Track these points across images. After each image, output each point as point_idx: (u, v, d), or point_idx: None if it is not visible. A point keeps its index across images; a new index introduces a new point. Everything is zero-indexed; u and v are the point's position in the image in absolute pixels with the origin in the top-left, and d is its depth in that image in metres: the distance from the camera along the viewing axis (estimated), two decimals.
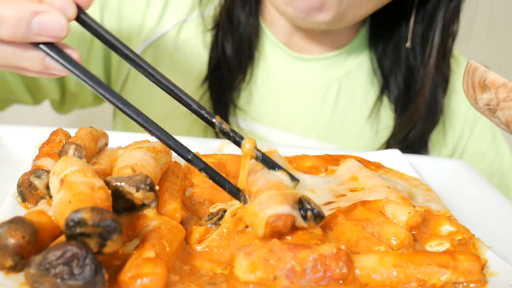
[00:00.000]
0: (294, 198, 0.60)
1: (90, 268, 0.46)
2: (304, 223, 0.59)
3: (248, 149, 0.64)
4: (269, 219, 0.56)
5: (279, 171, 0.64)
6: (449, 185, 0.86)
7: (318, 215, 0.59)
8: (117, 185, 0.56)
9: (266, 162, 0.65)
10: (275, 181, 0.61)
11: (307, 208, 0.59)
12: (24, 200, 0.61)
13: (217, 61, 1.08)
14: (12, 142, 0.80)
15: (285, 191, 0.60)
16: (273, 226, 0.57)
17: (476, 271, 0.55)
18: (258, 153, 0.64)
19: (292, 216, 0.58)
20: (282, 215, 0.57)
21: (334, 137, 1.14)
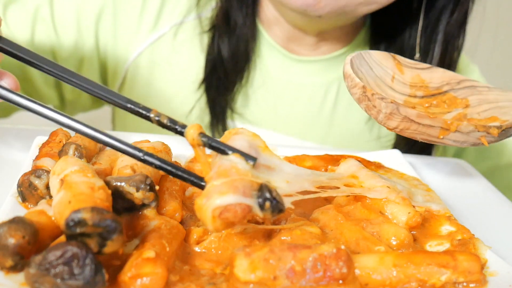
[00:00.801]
0: (251, 184, 0.53)
1: (90, 268, 0.46)
2: (260, 213, 0.53)
3: (192, 136, 0.57)
4: (215, 211, 0.51)
5: (232, 155, 0.57)
6: (449, 185, 0.86)
7: (276, 206, 0.53)
8: (117, 185, 0.56)
9: (216, 147, 0.58)
10: (226, 167, 0.55)
11: (266, 197, 0.53)
12: (24, 200, 0.61)
13: (213, 64, 1.07)
14: (12, 142, 0.80)
15: (235, 178, 0.53)
16: (223, 219, 0.51)
17: (476, 271, 0.55)
18: (205, 139, 0.57)
19: (244, 205, 0.51)
20: (229, 206, 0.51)
21: (332, 140, 1.13)
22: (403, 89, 0.80)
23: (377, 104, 0.68)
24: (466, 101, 0.81)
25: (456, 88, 0.82)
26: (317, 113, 1.12)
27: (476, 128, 0.69)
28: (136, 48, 1.11)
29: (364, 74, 0.76)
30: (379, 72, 0.79)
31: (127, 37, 1.11)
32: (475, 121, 0.77)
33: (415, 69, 0.82)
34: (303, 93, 1.12)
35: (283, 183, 0.60)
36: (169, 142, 0.71)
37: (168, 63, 1.11)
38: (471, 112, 0.79)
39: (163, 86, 1.12)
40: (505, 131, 0.72)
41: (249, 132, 0.63)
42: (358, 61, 0.76)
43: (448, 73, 0.84)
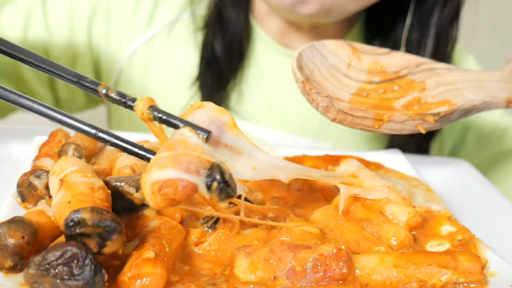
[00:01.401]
0: (200, 161, 0.49)
1: (89, 268, 0.46)
2: (207, 194, 0.49)
3: (142, 110, 0.54)
4: (153, 186, 0.47)
5: (183, 128, 0.53)
6: (449, 185, 0.86)
7: (225, 190, 0.49)
8: (117, 185, 0.56)
9: (167, 120, 0.55)
10: (175, 141, 0.51)
11: (215, 177, 0.48)
12: (23, 200, 0.61)
13: (207, 61, 1.07)
14: (12, 142, 0.80)
15: (179, 152, 0.49)
16: (163, 194, 0.47)
17: (477, 271, 0.55)
18: (155, 113, 0.54)
19: (187, 181, 0.47)
20: (169, 181, 0.47)
21: (328, 135, 1.13)
22: (359, 76, 0.81)
23: (315, 98, 0.71)
24: (423, 84, 0.81)
25: (415, 72, 0.83)
26: (312, 108, 1.12)
27: (411, 117, 0.71)
28: (130, 46, 1.12)
29: (317, 65, 0.77)
30: (334, 61, 0.80)
31: (120, 35, 1.11)
32: (428, 104, 0.77)
33: (373, 55, 0.83)
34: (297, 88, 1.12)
35: (247, 168, 0.57)
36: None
37: (162, 61, 1.11)
38: (426, 96, 0.80)
39: (157, 83, 1.12)
40: (445, 117, 0.73)
41: (214, 107, 0.59)
42: (310, 53, 0.77)
43: (407, 56, 0.84)
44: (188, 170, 0.48)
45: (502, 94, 0.79)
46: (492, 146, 1.17)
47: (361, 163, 0.75)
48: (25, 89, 1.11)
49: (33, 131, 0.80)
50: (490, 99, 0.77)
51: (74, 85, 0.58)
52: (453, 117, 0.74)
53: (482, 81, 0.81)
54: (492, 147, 1.17)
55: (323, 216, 0.64)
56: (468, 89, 0.79)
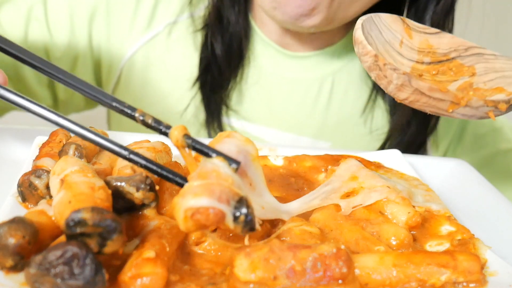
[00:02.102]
0: (230, 192, 0.52)
1: (90, 268, 0.46)
2: (232, 224, 0.51)
3: (176, 137, 0.56)
4: (187, 212, 0.50)
5: (215, 158, 0.56)
6: (449, 185, 0.86)
7: (250, 223, 0.52)
8: (117, 185, 0.56)
9: (200, 149, 0.57)
10: (207, 169, 0.54)
11: (243, 211, 0.51)
12: (24, 200, 0.61)
13: (207, 61, 1.08)
14: (12, 142, 0.80)
15: (212, 181, 0.52)
16: (195, 220, 0.50)
17: (476, 271, 0.55)
18: (189, 141, 0.57)
19: (218, 210, 0.50)
20: (201, 208, 0.50)
21: (328, 134, 1.14)
22: (411, 55, 0.78)
23: (388, 74, 0.66)
24: (472, 69, 0.79)
25: (463, 55, 0.81)
26: (311, 108, 1.13)
27: (485, 103, 0.68)
28: (130, 47, 1.12)
29: (374, 39, 0.74)
30: (388, 37, 0.77)
31: (120, 36, 1.11)
32: (482, 90, 0.75)
33: (424, 34, 0.80)
34: (297, 88, 1.12)
35: (257, 206, 0.59)
36: (169, 142, 0.71)
37: (162, 62, 1.11)
38: (477, 81, 0.77)
39: (158, 84, 1.13)
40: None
41: (241, 137, 0.62)
42: (369, 25, 0.74)
43: (456, 39, 0.82)
44: (220, 200, 0.51)
45: None
46: (488, 145, 1.17)
47: (361, 163, 0.75)
48: (24, 89, 1.11)
49: (33, 131, 0.80)
50: None
51: (111, 109, 0.59)
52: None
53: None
54: (489, 146, 1.17)
55: (323, 216, 0.65)
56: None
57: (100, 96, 0.59)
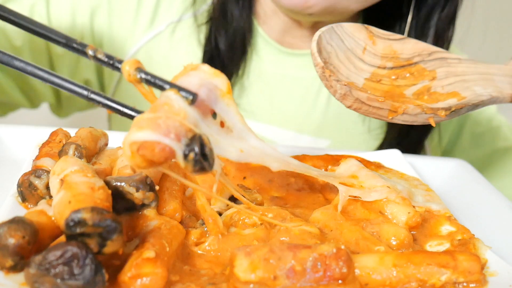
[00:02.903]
0: (182, 127, 0.49)
1: (90, 268, 0.46)
2: (182, 162, 0.48)
3: (128, 72, 0.53)
4: (132, 146, 0.47)
5: (169, 90, 0.52)
6: (449, 185, 0.86)
7: (200, 163, 0.48)
8: (117, 185, 0.56)
9: (153, 82, 0.54)
10: (160, 103, 0.51)
11: (194, 149, 0.48)
12: (24, 200, 0.61)
13: (210, 54, 1.08)
14: (12, 142, 0.80)
15: (160, 115, 0.49)
16: (141, 155, 0.47)
17: (476, 271, 0.55)
18: (142, 74, 0.53)
19: (164, 145, 0.47)
20: (146, 143, 0.47)
21: (328, 132, 1.14)
22: (373, 61, 0.81)
23: (333, 85, 0.70)
24: (434, 73, 0.81)
25: (427, 60, 0.83)
26: (311, 106, 1.13)
27: (423, 111, 0.71)
28: (132, 46, 1.12)
29: (334, 48, 0.77)
30: (350, 44, 0.80)
31: (122, 35, 1.12)
32: (437, 95, 0.78)
33: (388, 40, 0.83)
34: (297, 86, 1.13)
35: (233, 149, 0.55)
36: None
37: (165, 60, 1.12)
38: (436, 85, 0.80)
39: None
40: (455, 111, 0.73)
41: (209, 69, 0.57)
42: (329, 35, 0.77)
43: (421, 44, 0.84)
44: (167, 134, 0.48)
45: (508, 89, 0.79)
46: (486, 144, 1.18)
47: (361, 163, 0.75)
48: (27, 86, 1.11)
49: (33, 131, 0.80)
50: (497, 94, 0.77)
51: (63, 47, 0.57)
52: (461, 111, 0.75)
53: (489, 74, 0.81)
54: (486, 145, 1.18)
55: (323, 216, 0.65)
56: (476, 82, 0.79)
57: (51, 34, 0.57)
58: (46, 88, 1.13)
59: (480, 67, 0.81)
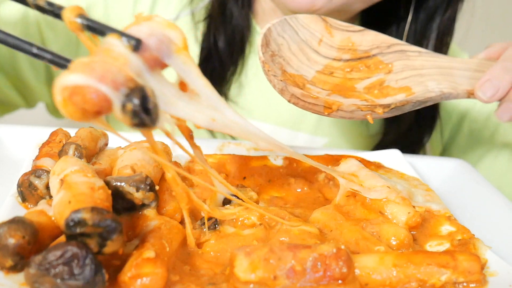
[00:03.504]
0: (120, 73, 0.44)
1: (90, 268, 0.46)
2: (119, 112, 0.44)
3: (69, 18, 0.49)
4: (63, 92, 0.43)
5: (110, 35, 0.47)
6: (449, 185, 0.86)
7: (139, 117, 0.44)
8: (117, 185, 0.56)
9: (95, 28, 0.49)
10: (99, 49, 0.47)
11: (132, 100, 0.44)
12: (24, 200, 0.61)
13: (208, 52, 1.08)
14: (12, 142, 0.80)
15: (96, 59, 0.44)
16: (73, 103, 0.43)
17: (476, 271, 0.55)
18: (83, 20, 0.49)
19: (99, 92, 0.43)
20: (78, 88, 0.43)
21: (325, 130, 1.14)
22: (329, 53, 0.80)
23: (271, 79, 0.70)
24: (391, 66, 0.80)
25: (385, 52, 0.81)
26: None
27: (359, 108, 0.71)
28: None
29: (287, 39, 0.77)
30: (305, 36, 0.79)
31: None
32: (389, 89, 0.76)
33: (346, 32, 0.81)
34: None
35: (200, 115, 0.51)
36: (169, 142, 0.71)
37: None
38: (390, 79, 0.78)
39: None
40: (396, 108, 0.72)
41: (163, 21, 0.51)
42: (280, 27, 0.76)
43: (381, 36, 0.82)
44: (102, 80, 0.43)
45: (466, 84, 0.77)
46: (484, 140, 1.17)
47: (361, 163, 0.75)
48: (22, 86, 1.11)
49: (33, 131, 0.80)
50: (450, 90, 0.75)
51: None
52: (405, 108, 0.74)
53: (450, 69, 0.79)
54: (485, 141, 1.17)
55: (323, 216, 0.65)
56: (432, 76, 0.77)
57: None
58: (41, 87, 1.13)
59: (441, 60, 0.80)
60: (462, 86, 0.76)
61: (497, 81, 0.72)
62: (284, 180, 0.75)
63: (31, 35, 1.09)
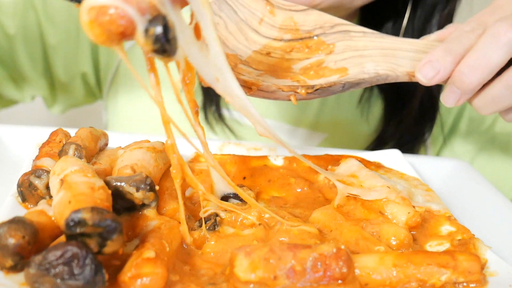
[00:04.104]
0: (148, 2, 0.46)
1: (90, 268, 0.46)
2: (142, 36, 0.46)
3: None
4: (90, 12, 0.45)
5: None
6: (449, 185, 0.86)
7: (159, 41, 0.46)
8: (117, 185, 0.56)
9: None
10: None
11: (157, 26, 0.45)
12: (24, 200, 0.61)
13: None
14: (12, 142, 0.80)
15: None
16: (100, 24, 0.45)
17: (476, 271, 0.55)
18: None
19: (125, 12, 0.45)
20: (105, 7, 0.45)
21: (324, 126, 1.13)
22: (269, 32, 0.77)
23: None
24: (332, 46, 0.77)
25: (328, 33, 0.78)
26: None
27: (280, 89, 0.68)
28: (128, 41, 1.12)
29: (224, 18, 0.75)
30: (244, 15, 0.76)
31: None
32: (326, 70, 0.74)
33: (289, 11, 0.79)
34: None
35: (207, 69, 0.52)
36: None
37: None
38: (329, 60, 0.75)
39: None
40: (322, 90, 0.70)
41: None
42: (217, 6, 0.74)
43: (324, 16, 0.79)
44: (129, 2, 0.45)
45: (408, 66, 0.73)
46: (485, 129, 1.17)
47: (361, 163, 0.75)
48: (20, 77, 1.11)
49: (33, 131, 0.80)
50: (387, 72, 0.72)
51: None
52: (333, 89, 0.70)
53: (395, 50, 0.76)
54: (486, 129, 1.17)
55: (323, 216, 0.65)
56: (373, 57, 0.74)
57: None
58: (38, 78, 1.13)
59: (386, 41, 0.77)
60: (402, 68, 0.73)
61: (438, 63, 0.69)
62: (284, 180, 0.75)
63: (29, 28, 1.09)
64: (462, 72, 0.68)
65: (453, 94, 0.70)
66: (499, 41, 0.65)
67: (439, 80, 0.70)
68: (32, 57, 1.11)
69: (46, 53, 1.12)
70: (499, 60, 0.66)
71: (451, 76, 0.69)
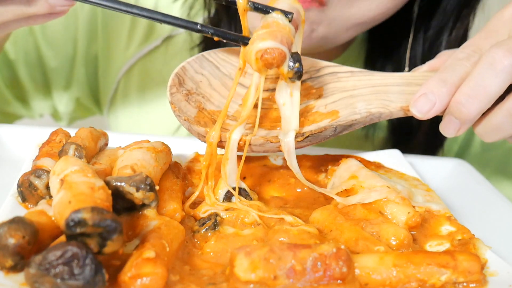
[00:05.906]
0: (289, 38, 0.63)
1: (90, 268, 0.46)
2: (288, 68, 0.63)
3: (241, 3, 0.67)
4: (257, 53, 0.61)
5: (274, 12, 0.66)
6: (449, 185, 0.86)
7: (299, 72, 0.64)
8: (117, 185, 0.56)
9: (260, 8, 0.67)
10: (269, 22, 0.65)
11: (298, 59, 0.63)
12: (24, 200, 0.61)
13: None
14: (12, 142, 0.80)
15: (274, 29, 0.63)
16: (264, 60, 0.61)
17: (476, 271, 0.55)
18: (251, 4, 0.67)
19: (281, 50, 0.62)
20: (269, 49, 0.61)
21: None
22: None
23: (178, 119, 0.70)
24: (320, 90, 0.75)
25: (315, 77, 0.77)
26: None
27: (268, 140, 0.68)
28: (127, 61, 1.13)
29: (206, 76, 0.74)
30: (227, 70, 0.76)
31: (118, 50, 1.12)
32: (318, 115, 0.73)
33: None
34: None
35: None
36: (169, 142, 0.71)
37: (160, 75, 1.13)
38: (319, 104, 0.74)
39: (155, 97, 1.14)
40: (313, 136, 0.68)
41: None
42: (198, 64, 0.74)
43: (308, 60, 0.78)
44: (282, 42, 0.62)
45: (401, 101, 0.72)
46: (498, 145, 1.15)
47: (361, 163, 0.75)
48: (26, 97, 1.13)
49: (33, 131, 0.80)
50: (380, 110, 0.71)
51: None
52: (324, 134, 0.69)
53: (385, 86, 0.74)
54: (499, 146, 1.15)
55: (323, 216, 0.65)
56: (363, 96, 0.73)
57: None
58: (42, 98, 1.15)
59: (376, 78, 0.75)
60: (395, 104, 0.72)
61: (433, 95, 0.67)
62: (284, 180, 0.75)
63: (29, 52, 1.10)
64: (460, 102, 0.66)
65: (452, 125, 0.68)
66: (496, 68, 0.63)
67: (435, 113, 0.68)
68: (34, 80, 1.13)
69: (47, 75, 1.13)
70: (497, 87, 0.64)
71: (449, 106, 0.67)
